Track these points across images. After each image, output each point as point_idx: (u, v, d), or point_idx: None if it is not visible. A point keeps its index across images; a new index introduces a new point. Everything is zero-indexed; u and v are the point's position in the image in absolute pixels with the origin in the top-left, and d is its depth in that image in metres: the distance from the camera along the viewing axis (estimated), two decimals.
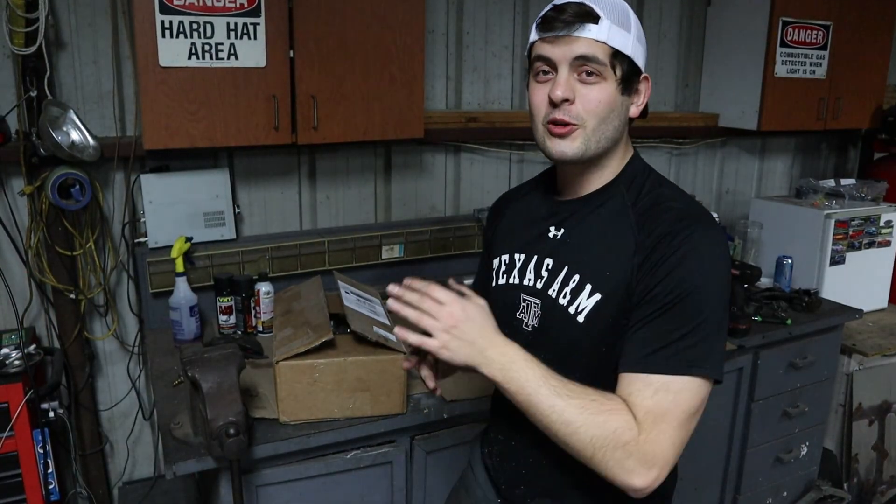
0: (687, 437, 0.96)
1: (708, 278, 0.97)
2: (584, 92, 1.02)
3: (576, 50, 1.01)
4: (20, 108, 1.98)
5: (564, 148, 1.04)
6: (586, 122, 1.03)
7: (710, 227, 1.01)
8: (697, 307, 0.96)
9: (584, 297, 1.05)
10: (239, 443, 1.39)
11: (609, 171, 1.11)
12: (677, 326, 0.95)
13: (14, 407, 1.83)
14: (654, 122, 2.98)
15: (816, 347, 2.50)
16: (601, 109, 1.02)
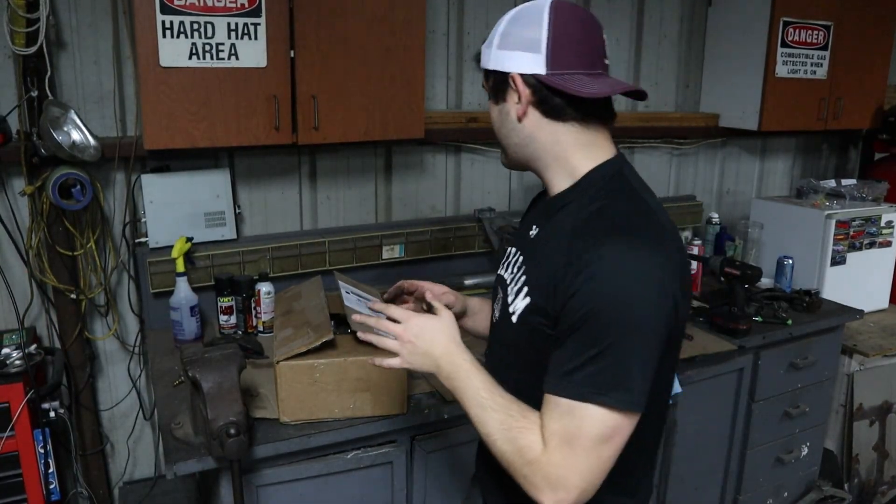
0: (600, 463, 0.93)
1: (613, 300, 0.92)
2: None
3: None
4: (21, 108, 1.98)
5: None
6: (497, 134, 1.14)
7: (629, 245, 0.95)
8: (604, 331, 0.92)
9: (520, 298, 1.08)
10: (239, 443, 1.39)
11: (560, 176, 1.09)
12: (583, 350, 0.93)
13: (15, 407, 1.83)
14: (655, 123, 2.99)
15: (817, 348, 2.50)
16: (494, 126, 1.13)
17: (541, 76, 1.02)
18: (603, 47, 1.07)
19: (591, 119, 1.07)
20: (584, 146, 1.07)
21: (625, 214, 1.01)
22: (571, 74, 1.02)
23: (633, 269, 0.94)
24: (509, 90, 1.06)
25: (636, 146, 3.05)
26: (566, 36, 1.02)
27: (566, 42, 1.02)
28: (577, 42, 1.03)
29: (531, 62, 1.02)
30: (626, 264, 0.94)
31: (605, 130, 1.10)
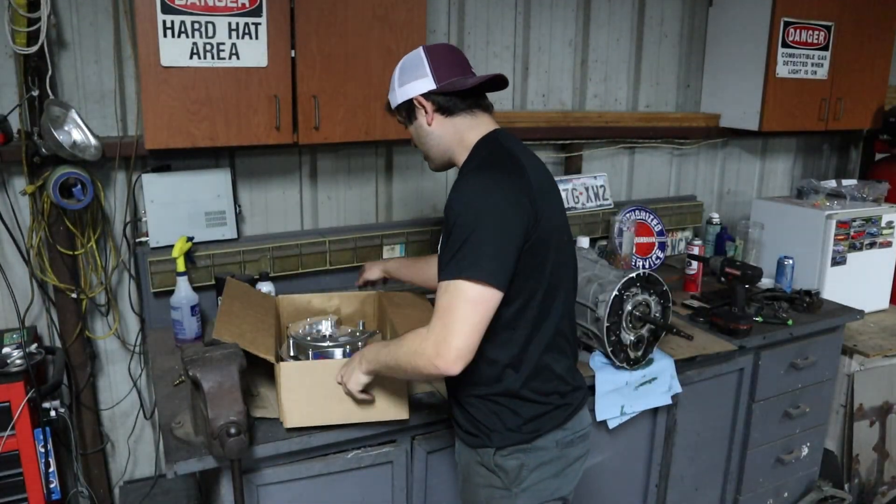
0: (473, 325, 1.25)
1: (464, 208, 1.30)
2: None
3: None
4: (22, 107, 1.98)
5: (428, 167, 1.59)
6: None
7: (477, 170, 1.38)
8: (461, 230, 1.28)
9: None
10: (240, 442, 1.39)
11: (462, 154, 1.47)
12: (451, 248, 1.29)
13: (15, 406, 1.83)
14: (656, 123, 2.99)
15: (817, 348, 2.50)
16: (416, 142, 1.54)
17: (433, 90, 1.43)
18: (467, 60, 1.48)
19: (476, 108, 1.46)
20: (473, 127, 1.45)
21: (485, 158, 1.41)
22: (451, 80, 1.42)
23: (481, 186, 1.32)
24: (416, 109, 1.46)
25: (637, 146, 3.05)
26: (440, 58, 1.44)
27: (442, 62, 1.43)
28: (447, 59, 1.45)
29: (423, 84, 1.43)
30: (476, 184, 1.34)
31: (487, 115, 1.48)
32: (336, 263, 2.40)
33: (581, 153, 2.89)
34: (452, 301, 1.26)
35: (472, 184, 1.34)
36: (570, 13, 2.79)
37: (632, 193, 3.12)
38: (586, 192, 2.86)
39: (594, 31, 2.86)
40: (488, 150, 1.42)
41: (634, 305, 1.94)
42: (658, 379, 2.04)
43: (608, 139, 2.93)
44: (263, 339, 1.64)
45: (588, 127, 2.82)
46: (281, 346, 1.80)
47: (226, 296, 1.84)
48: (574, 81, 2.88)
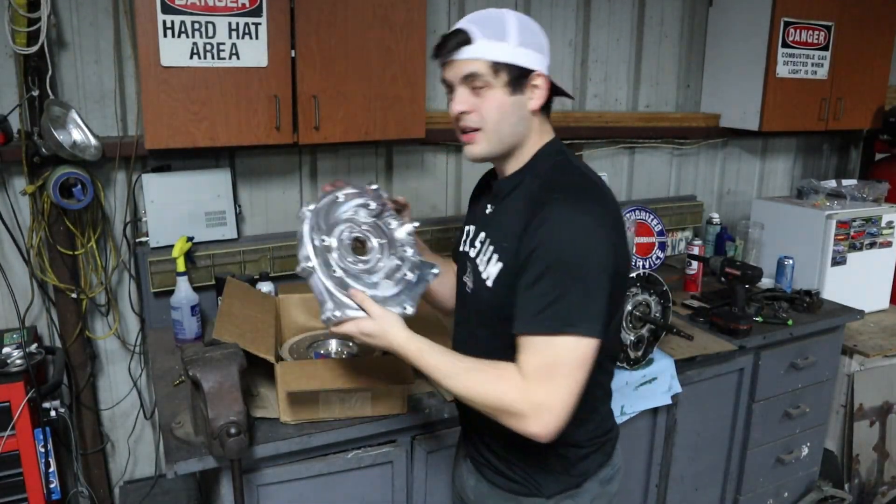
0: (576, 387, 1.10)
1: (568, 247, 1.11)
2: (478, 102, 1.20)
3: (461, 70, 1.19)
4: (22, 107, 1.98)
5: (472, 150, 1.25)
6: (486, 124, 1.21)
7: (574, 199, 1.16)
8: (563, 274, 1.10)
9: (492, 265, 1.25)
10: (240, 442, 1.39)
11: (523, 158, 1.27)
12: (549, 292, 1.10)
13: (15, 406, 1.83)
14: (656, 123, 2.99)
15: (817, 348, 2.50)
16: (495, 113, 1.20)
17: (548, 76, 1.23)
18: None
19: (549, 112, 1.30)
20: (543, 132, 1.28)
21: (571, 178, 1.24)
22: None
23: (580, 220, 1.13)
24: (528, 85, 1.21)
25: (637, 146, 3.05)
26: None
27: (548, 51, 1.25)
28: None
29: (542, 63, 1.22)
30: (574, 216, 1.14)
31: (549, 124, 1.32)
32: None
33: (581, 153, 2.89)
34: (559, 360, 1.09)
35: (574, 216, 1.13)
36: (570, 13, 2.79)
37: (632, 193, 3.12)
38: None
39: (594, 31, 2.86)
40: (564, 171, 1.24)
41: (634, 305, 1.94)
42: (658, 379, 2.04)
43: (608, 139, 2.93)
44: (263, 339, 1.65)
45: (588, 127, 2.82)
46: (280, 347, 1.80)
47: (226, 296, 1.84)
48: (574, 81, 2.88)
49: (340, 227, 1.25)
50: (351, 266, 1.21)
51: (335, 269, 1.19)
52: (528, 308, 1.12)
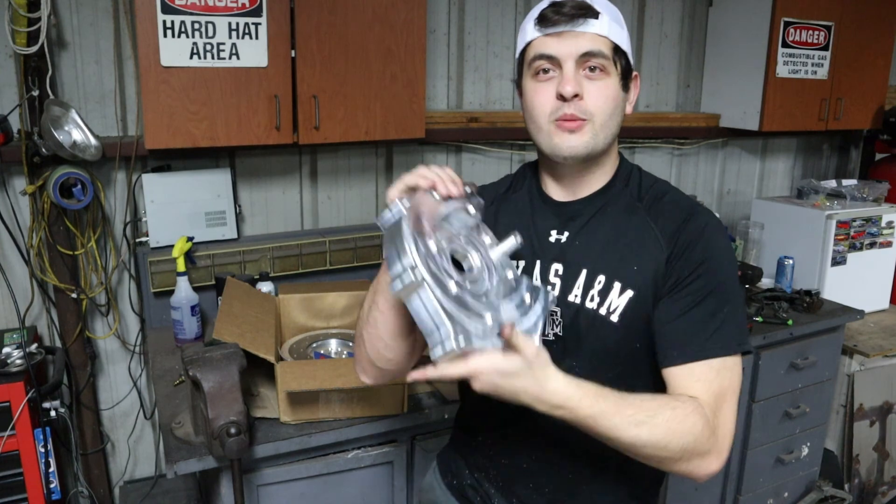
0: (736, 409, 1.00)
1: (731, 263, 1.03)
2: (590, 87, 1.01)
3: (581, 45, 1.00)
4: (22, 107, 1.98)
5: (574, 142, 1.02)
6: (594, 116, 1.02)
7: (712, 214, 1.07)
8: (730, 290, 1.01)
9: (614, 296, 1.03)
10: (240, 442, 1.39)
11: (608, 170, 1.12)
12: (718, 310, 0.98)
13: (15, 406, 1.83)
14: (656, 123, 2.99)
15: (817, 348, 2.50)
16: (608, 105, 1.02)
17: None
18: None
19: None
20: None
21: (678, 192, 1.10)
22: None
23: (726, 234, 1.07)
24: (631, 83, 1.08)
25: (637, 146, 3.05)
26: None
27: None
28: None
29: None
30: (724, 232, 1.06)
31: None
32: (336, 263, 2.40)
33: None
34: (729, 384, 0.98)
35: (720, 229, 1.06)
36: None
37: None
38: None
39: None
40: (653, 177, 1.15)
41: None
42: None
43: None
44: (263, 339, 1.65)
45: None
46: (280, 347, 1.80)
47: (226, 296, 1.84)
48: None
49: (439, 236, 0.89)
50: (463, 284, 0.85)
51: (449, 284, 0.83)
52: (698, 330, 0.98)
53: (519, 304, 0.91)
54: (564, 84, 1.00)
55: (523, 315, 0.89)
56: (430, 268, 0.82)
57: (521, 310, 0.90)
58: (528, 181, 1.18)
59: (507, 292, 0.92)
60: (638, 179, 1.12)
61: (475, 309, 0.83)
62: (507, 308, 0.89)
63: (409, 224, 0.85)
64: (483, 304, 0.85)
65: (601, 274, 1.04)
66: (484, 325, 0.83)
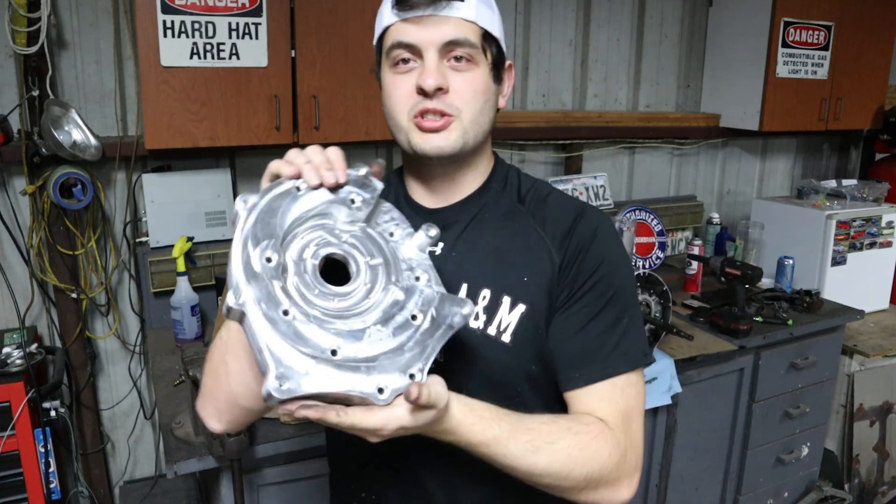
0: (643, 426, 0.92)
1: (627, 266, 0.95)
2: (456, 79, 0.88)
3: (445, 33, 0.86)
4: (22, 107, 1.99)
5: (440, 142, 0.88)
6: (462, 112, 0.88)
7: (602, 214, 0.97)
8: (629, 296, 0.93)
9: (503, 312, 0.90)
10: (240, 442, 1.39)
11: (481, 171, 0.98)
12: (617, 320, 0.89)
13: (15, 406, 1.83)
14: (656, 123, 2.99)
15: (817, 348, 2.50)
16: (477, 99, 0.89)
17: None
18: None
19: None
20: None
21: (558, 191, 1.00)
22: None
23: (617, 234, 0.97)
24: (504, 74, 0.95)
25: (637, 146, 3.05)
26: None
27: None
28: None
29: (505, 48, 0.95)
30: (616, 233, 0.96)
31: None
32: None
33: (581, 153, 2.89)
34: (635, 401, 0.89)
35: (614, 231, 0.96)
36: (570, 13, 2.79)
37: (632, 193, 3.12)
38: (586, 192, 2.86)
39: (594, 31, 2.86)
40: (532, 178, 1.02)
41: None
42: (658, 379, 2.04)
43: (608, 139, 2.93)
44: None
45: (588, 127, 2.82)
46: None
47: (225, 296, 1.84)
48: (574, 81, 2.88)
49: (302, 238, 0.74)
50: (317, 303, 0.70)
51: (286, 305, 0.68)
52: (599, 346, 0.88)
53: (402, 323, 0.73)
54: (425, 76, 0.86)
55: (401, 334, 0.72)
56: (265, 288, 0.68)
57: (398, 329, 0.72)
58: (395, 188, 1.02)
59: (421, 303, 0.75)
60: (517, 180, 0.99)
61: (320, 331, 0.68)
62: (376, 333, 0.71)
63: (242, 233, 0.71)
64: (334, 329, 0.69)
65: (485, 288, 0.91)
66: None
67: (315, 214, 0.76)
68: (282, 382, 0.64)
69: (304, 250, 0.73)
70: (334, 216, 0.77)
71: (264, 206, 0.74)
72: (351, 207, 0.78)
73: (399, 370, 0.69)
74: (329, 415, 0.66)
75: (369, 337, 0.70)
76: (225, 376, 0.84)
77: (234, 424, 0.91)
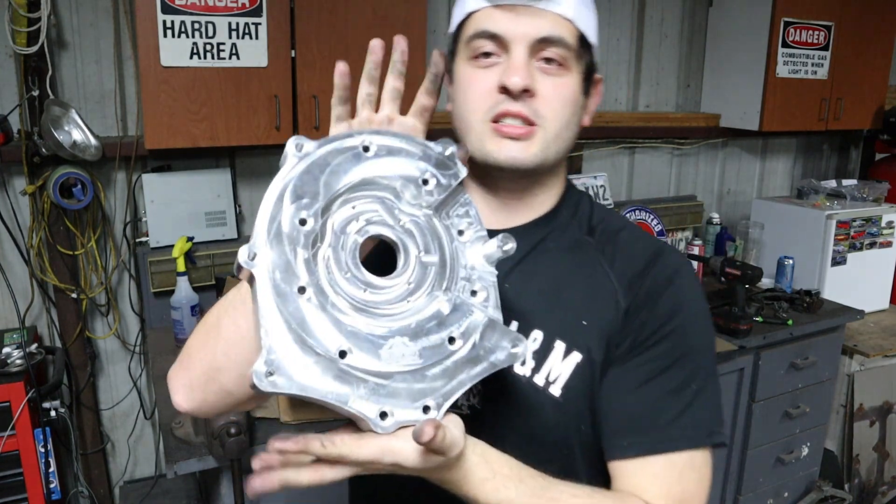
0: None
1: (705, 323, 0.80)
2: (545, 84, 0.76)
3: (540, 28, 0.75)
4: (22, 107, 1.98)
5: (517, 153, 0.76)
6: (547, 122, 0.76)
7: (682, 257, 0.84)
8: (704, 360, 0.78)
9: (555, 360, 0.77)
10: (240, 442, 1.39)
11: (553, 193, 0.85)
12: (685, 385, 0.75)
13: (15, 406, 1.83)
14: (656, 123, 2.99)
15: (817, 348, 2.50)
16: (565, 109, 0.77)
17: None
18: None
19: None
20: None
21: (634, 226, 0.86)
22: None
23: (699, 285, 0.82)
24: (592, 87, 0.83)
25: (637, 146, 3.05)
26: None
27: None
28: None
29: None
30: (697, 282, 0.81)
31: None
32: None
33: (581, 153, 2.89)
34: (695, 489, 0.74)
35: (694, 278, 0.82)
36: None
37: (632, 193, 3.12)
38: (586, 192, 2.86)
39: None
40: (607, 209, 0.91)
41: None
42: None
43: (608, 139, 2.93)
44: None
45: (588, 127, 2.81)
46: None
47: None
48: None
49: (353, 208, 0.63)
50: (344, 288, 0.59)
51: (304, 282, 0.58)
52: (658, 412, 0.74)
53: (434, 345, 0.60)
54: (511, 73, 0.74)
55: (428, 357, 0.59)
56: (284, 257, 0.58)
57: (425, 352, 0.60)
58: None
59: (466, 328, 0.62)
60: (588, 209, 0.86)
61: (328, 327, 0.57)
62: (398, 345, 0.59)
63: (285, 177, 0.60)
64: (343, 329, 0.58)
65: (537, 329, 0.78)
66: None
67: (377, 185, 0.64)
68: (270, 372, 0.55)
69: (351, 223, 0.62)
70: (399, 193, 0.64)
71: (319, 157, 0.62)
72: (422, 188, 0.65)
73: (412, 398, 0.58)
74: (313, 445, 0.56)
75: (390, 348, 0.58)
76: (214, 340, 0.71)
77: (203, 406, 0.74)
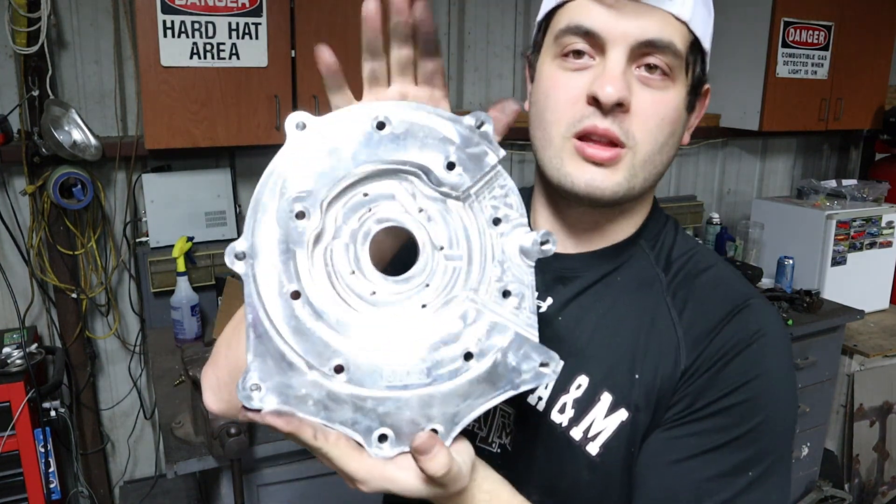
0: None
1: (785, 401, 0.64)
2: (643, 97, 0.63)
3: (645, 28, 0.62)
4: (22, 107, 1.98)
5: (600, 181, 0.64)
6: (638, 145, 0.64)
7: (772, 316, 0.67)
8: (771, 444, 0.62)
9: (598, 413, 0.66)
10: (240, 442, 1.39)
11: (635, 220, 0.72)
12: (739, 468, 0.61)
13: (15, 406, 1.83)
14: None
15: (817, 348, 2.50)
16: (662, 130, 0.65)
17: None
18: None
19: None
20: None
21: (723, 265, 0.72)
22: None
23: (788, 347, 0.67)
24: (699, 99, 0.71)
25: None
26: None
27: None
28: None
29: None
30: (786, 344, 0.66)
31: None
32: None
33: None
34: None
35: (782, 340, 0.66)
36: None
37: None
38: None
39: None
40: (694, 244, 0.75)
41: None
42: None
43: None
44: None
45: None
46: None
47: (226, 296, 1.84)
48: None
49: (361, 195, 0.54)
50: (349, 292, 0.52)
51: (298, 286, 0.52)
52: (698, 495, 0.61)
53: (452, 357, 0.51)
54: (605, 81, 0.61)
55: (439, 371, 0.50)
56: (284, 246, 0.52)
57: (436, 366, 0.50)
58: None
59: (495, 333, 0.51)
60: (671, 240, 0.73)
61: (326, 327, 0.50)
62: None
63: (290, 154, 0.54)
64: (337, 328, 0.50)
65: (584, 374, 0.67)
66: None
67: (394, 168, 0.53)
68: (254, 385, 0.48)
69: (360, 212, 0.53)
70: (421, 176, 0.53)
71: (324, 137, 0.56)
72: (450, 172, 0.53)
73: (416, 421, 0.50)
74: (305, 432, 0.49)
75: (394, 364, 0.50)
76: (237, 340, 0.65)
77: (231, 408, 0.69)
